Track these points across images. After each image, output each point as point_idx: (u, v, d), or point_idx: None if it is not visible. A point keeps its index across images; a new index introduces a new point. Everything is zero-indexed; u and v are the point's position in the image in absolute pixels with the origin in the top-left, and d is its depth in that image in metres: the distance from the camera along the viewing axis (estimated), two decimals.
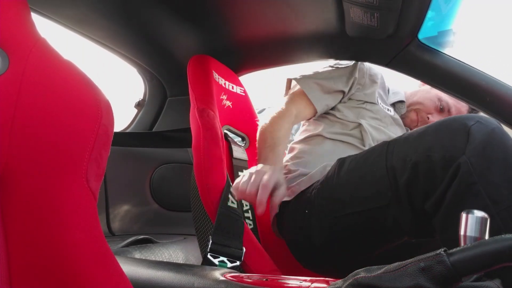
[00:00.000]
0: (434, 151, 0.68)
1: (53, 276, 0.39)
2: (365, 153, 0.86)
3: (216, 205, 0.85)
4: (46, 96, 0.41)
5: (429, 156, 0.68)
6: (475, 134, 0.64)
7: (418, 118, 1.23)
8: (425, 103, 1.22)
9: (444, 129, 0.70)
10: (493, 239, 0.36)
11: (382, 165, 0.76)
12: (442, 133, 0.69)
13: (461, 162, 0.63)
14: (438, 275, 0.36)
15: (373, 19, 0.93)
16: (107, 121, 0.47)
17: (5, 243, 0.39)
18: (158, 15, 1.09)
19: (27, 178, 0.39)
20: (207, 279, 0.59)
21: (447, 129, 0.69)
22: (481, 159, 0.62)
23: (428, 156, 0.68)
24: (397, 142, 0.78)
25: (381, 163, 0.77)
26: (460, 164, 0.63)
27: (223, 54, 1.21)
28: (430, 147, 0.69)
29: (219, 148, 0.91)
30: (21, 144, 0.39)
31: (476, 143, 0.63)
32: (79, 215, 0.42)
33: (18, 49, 0.41)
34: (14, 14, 0.43)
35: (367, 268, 0.42)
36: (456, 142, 0.66)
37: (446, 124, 0.71)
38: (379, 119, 1.13)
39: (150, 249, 1.13)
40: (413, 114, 1.24)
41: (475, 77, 1.07)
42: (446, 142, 0.67)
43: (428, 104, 1.21)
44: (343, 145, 1.07)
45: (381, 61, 1.20)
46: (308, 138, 1.14)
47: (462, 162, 0.63)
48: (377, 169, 0.77)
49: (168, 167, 1.50)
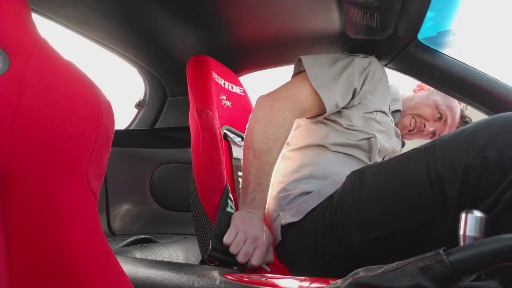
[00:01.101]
0: (489, 151, 0.60)
1: (53, 275, 0.39)
2: (393, 164, 0.76)
3: (215, 206, 0.85)
4: (46, 96, 0.41)
5: (485, 157, 0.60)
6: None
7: (416, 124, 1.17)
8: (424, 109, 1.16)
9: (497, 126, 0.62)
10: (492, 239, 0.36)
11: (423, 176, 0.67)
12: (496, 130, 0.61)
13: None
14: (438, 274, 0.36)
15: (373, 20, 0.94)
16: (108, 121, 0.47)
17: (5, 243, 0.39)
18: (158, 15, 1.09)
19: (28, 178, 0.39)
20: (207, 279, 0.59)
21: (501, 125, 0.61)
22: None
23: (483, 158, 0.60)
24: (437, 147, 0.68)
25: (421, 174, 0.67)
26: None
27: (223, 54, 1.21)
28: (483, 147, 0.61)
29: (218, 148, 0.91)
30: (21, 144, 0.39)
31: None
32: (79, 215, 0.42)
33: (18, 49, 0.41)
34: (14, 14, 0.43)
35: (366, 268, 0.42)
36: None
37: (498, 121, 0.63)
38: (385, 131, 1.03)
39: (151, 249, 1.13)
40: (408, 119, 1.18)
41: (475, 77, 1.07)
42: (503, 140, 0.59)
43: (427, 111, 1.16)
44: (345, 158, 0.97)
45: (381, 61, 1.21)
46: (307, 147, 1.01)
47: None
48: (417, 181, 0.67)
49: (168, 167, 1.50)
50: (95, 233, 0.43)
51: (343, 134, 0.98)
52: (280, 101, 0.91)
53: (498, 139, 0.60)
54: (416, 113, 1.17)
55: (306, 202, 0.88)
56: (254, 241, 0.79)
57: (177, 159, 1.51)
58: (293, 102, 0.93)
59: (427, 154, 0.69)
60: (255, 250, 0.78)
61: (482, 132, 0.63)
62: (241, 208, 0.87)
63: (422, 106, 1.17)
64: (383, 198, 0.73)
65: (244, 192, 0.88)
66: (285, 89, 0.96)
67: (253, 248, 0.78)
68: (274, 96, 0.94)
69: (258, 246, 0.79)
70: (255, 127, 0.89)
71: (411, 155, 0.73)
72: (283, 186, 0.96)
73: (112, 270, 0.43)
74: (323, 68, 0.97)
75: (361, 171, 0.82)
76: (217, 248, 0.77)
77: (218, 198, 0.86)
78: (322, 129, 1.01)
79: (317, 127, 1.02)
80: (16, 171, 0.39)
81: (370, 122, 1.00)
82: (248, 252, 0.77)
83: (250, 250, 0.77)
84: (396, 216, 0.70)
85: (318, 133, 1.01)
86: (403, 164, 0.73)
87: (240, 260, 0.76)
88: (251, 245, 0.78)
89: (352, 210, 0.78)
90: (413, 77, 1.18)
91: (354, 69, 0.97)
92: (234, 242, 0.77)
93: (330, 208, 0.83)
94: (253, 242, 0.79)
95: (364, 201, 0.76)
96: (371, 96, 1.01)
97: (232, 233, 0.78)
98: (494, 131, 0.62)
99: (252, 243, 0.78)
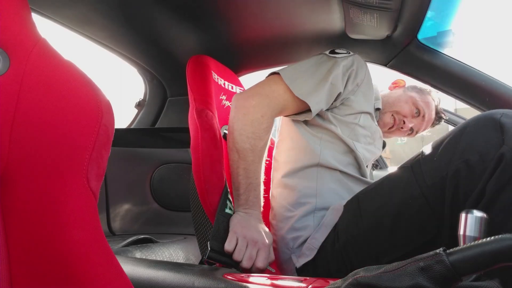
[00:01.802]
0: (470, 154, 0.64)
1: (53, 275, 0.39)
2: (385, 187, 0.78)
3: (214, 206, 0.85)
4: (46, 96, 0.41)
5: (467, 160, 0.64)
6: (508, 125, 0.62)
7: (395, 121, 1.16)
8: (402, 106, 1.15)
9: (472, 130, 0.66)
10: (492, 239, 0.36)
11: (417, 192, 0.70)
12: (472, 133, 0.66)
13: (504, 152, 0.60)
14: (438, 274, 0.36)
15: (373, 19, 0.94)
16: (108, 121, 0.47)
17: (5, 243, 0.39)
18: (158, 15, 1.09)
19: (28, 178, 0.39)
20: (207, 279, 0.59)
21: (476, 128, 0.66)
22: None
23: (465, 161, 0.64)
24: (422, 162, 0.72)
25: (415, 190, 0.70)
26: (503, 154, 0.60)
27: (223, 54, 1.21)
28: (463, 151, 0.65)
29: (217, 148, 0.90)
30: (21, 144, 0.39)
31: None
32: (79, 215, 0.42)
33: (18, 49, 0.41)
34: (14, 14, 0.43)
35: (366, 268, 0.42)
36: (490, 137, 0.63)
37: (472, 125, 0.67)
38: (370, 135, 1.02)
39: (151, 249, 1.13)
40: (388, 117, 1.16)
41: (475, 77, 1.07)
42: (481, 141, 0.64)
43: (405, 107, 1.15)
44: (342, 176, 0.96)
45: (381, 61, 1.21)
46: (303, 170, 0.97)
47: (505, 152, 0.60)
48: (412, 199, 0.70)
49: (168, 167, 1.50)
50: (95, 233, 0.43)
51: (332, 146, 0.97)
52: (256, 97, 0.89)
53: (473, 141, 0.64)
54: (395, 110, 1.16)
55: (315, 238, 0.88)
56: (256, 244, 0.78)
57: (177, 159, 1.50)
58: (270, 98, 0.89)
59: (414, 169, 0.72)
60: (258, 253, 0.78)
61: (460, 137, 0.67)
62: (236, 210, 0.86)
63: (400, 103, 1.16)
64: (385, 227, 0.74)
65: (236, 194, 0.87)
66: (261, 86, 0.93)
67: (255, 251, 0.78)
68: (249, 93, 0.91)
69: (261, 248, 0.78)
70: (234, 127, 0.88)
71: (401, 174, 0.76)
72: (291, 224, 0.93)
73: (112, 270, 0.43)
74: (305, 78, 0.93)
75: (357, 200, 0.83)
76: (215, 249, 0.77)
77: (217, 198, 0.86)
78: (310, 144, 0.97)
79: (304, 139, 0.98)
80: (16, 171, 0.39)
81: (354, 127, 0.98)
82: (252, 256, 0.76)
83: (253, 254, 0.77)
84: (403, 241, 0.72)
85: (308, 149, 0.97)
86: (395, 185, 0.76)
87: (245, 266, 0.75)
88: (253, 248, 0.77)
89: (360, 242, 0.79)
90: (413, 77, 1.18)
91: (338, 72, 0.94)
92: (237, 249, 0.76)
93: (338, 242, 0.83)
94: (254, 245, 0.78)
95: (369, 233, 0.77)
96: (354, 96, 0.99)
97: (233, 240, 0.77)
98: (469, 134, 0.66)
99: (254, 246, 0.78)
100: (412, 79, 1.20)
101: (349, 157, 0.98)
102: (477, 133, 0.65)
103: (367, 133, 1.01)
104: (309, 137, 0.98)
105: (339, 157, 0.97)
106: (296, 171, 0.98)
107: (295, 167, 0.98)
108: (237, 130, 0.87)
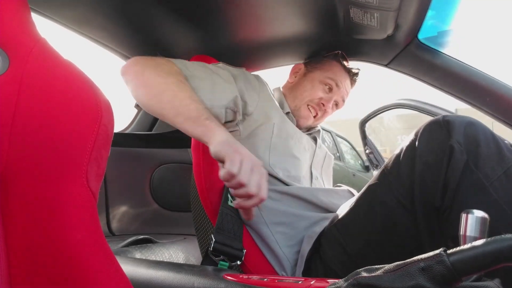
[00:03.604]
0: (427, 155, 0.69)
1: (53, 276, 0.39)
2: (361, 206, 0.79)
3: (215, 206, 0.85)
4: (46, 96, 0.41)
5: (425, 161, 0.69)
6: (452, 119, 0.68)
7: (316, 109, 1.10)
8: (310, 92, 1.08)
9: (424, 134, 0.71)
10: (493, 239, 0.36)
11: (393, 202, 0.73)
12: (425, 137, 0.71)
13: (451, 143, 0.66)
14: (438, 275, 0.36)
15: (373, 19, 0.94)
16: (107, 121, 0.47)
17: (5, 243, 0.39)
18: (158, 15, 1.09)
19: (27, 178, 0.39)
20: (207, 279, 0.59)
21: (426, 132, 0.71)
22: (468, 139, 0.66)
23: (424, 162, 0.69)
24: (388, 173, 0.75)
25: (391, 201, 0.73)
26: (451, 146, 0.66)
27: (223, 54, 1.21)
28: (421, 155, 0.70)
29: None
30: (21, 144, 0.39)
31: (458, 127, 0.67)
32: (79, 215, 0.42)
33: (18, 49, 0.41)
34: (14, 14, 0.43)
35: (367, 268, 0.42)
36: (439, 136, 0.68)
37: (422, 131, 0.72)
38: (292, 137, 1.00)
39: (150, 249, 1.13)
40: (305, 110, 1.09)
41: (475, 77, 1.07)
42: (433, 142, 0.69)
43: (314, 92, 1.08)
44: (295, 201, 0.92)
45: (381, 61, 1.21)
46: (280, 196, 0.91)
47: (453, 143, 0.66)
48: (391, 210, 0.73)
49: (168, 167, 1.50)
50: (94, 233, 0.43)
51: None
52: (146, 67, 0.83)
53: (427, 143, 0.70)
54: (308, 100, 1.09)
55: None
56: (260, 170, 0.70)
57: (177, 159, 1.50)
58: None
59: (384, 183, 0.75)
60: (262, 180, 0.70)
61: (415, 144, 0.71)
62: (216, 134, 0.72)
63: (305, 92, 1.09)
64: (375, 244, 0.76)
65: (203, 123, 0.74)
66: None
67: (259, 178, 0.69)
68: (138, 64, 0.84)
69: (263, 174, 0.71)
70: (138, 91, 0.80)
71: (373, 192, 0.78)
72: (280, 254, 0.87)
73: (111, 271, 0.43)
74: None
75: (335, 229, 0.82)
76: (220, 241, 0.76)
77: (218, 198, 0.86)
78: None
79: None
80: (15, 171, 0.39)
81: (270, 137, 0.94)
82: (260, 183, 0.68)
83: (261, 181, 0.69)
84: (396, 250, 0.74)
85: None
86: (370, 203, 0.77)
87: (253, 192, 0.67)
88: (258, 175, 0.69)
89: (353, 265, 0.77)
90: (413, 77, 1.18)
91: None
92: (243, 170, 0.66)
93: (330, 270, 0.80)
94: (259, 171, 0.69)
95: (360, 254, 0.78)
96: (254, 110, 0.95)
97: (236, 160, 0.66)
98: (422, 139, 0.71)
99: (258, 172, 0.69)
100: (412, 79, 1.20)
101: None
102: (428, 136, 0.70)
103: (290, 133, 0.99)
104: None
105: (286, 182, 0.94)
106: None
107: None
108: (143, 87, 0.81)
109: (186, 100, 0.76)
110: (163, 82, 0.78)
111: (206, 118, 0.74)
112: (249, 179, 0.67)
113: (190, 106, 0.75)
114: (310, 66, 1.16)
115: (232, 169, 0.66)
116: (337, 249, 0.81)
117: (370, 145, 2.16)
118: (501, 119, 1.02)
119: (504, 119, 1.02)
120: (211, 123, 0.74)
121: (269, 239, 0.85)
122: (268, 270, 0.84)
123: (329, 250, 0.82)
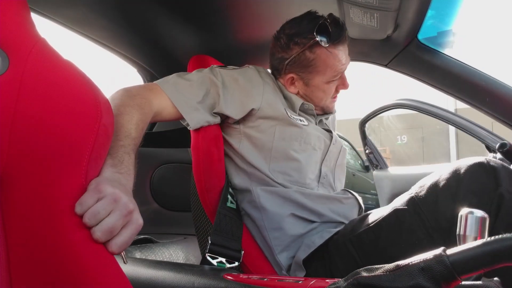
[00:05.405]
0: (470, 198, 0.70)
1: (53, 275, 0.39)
2: (383, 226, 0.80)
3: (214, 206, 0.85)
4: (46, 96, 0.41)
5: (471, 204, 0.69)
6: (499, 168, 0.71)
7: (336, 96, 1.03)
8: (325, 94, 1.00)
9: (467, 175, 0.73)
10: (493, 239, 0.36)
11: (422, 234, 0.74)
12: (468, 179, 0.72)
13: (502, 192, 0.68)
14: (438, 275, 0.36)
15: (373, 20, 0.94)
16: (107, 121, 0.47)
17: (5, 242, 0.39)
18: (158, 15, 1.09)
19: (27, 177, 0.39)
20: (207, 279, 0.59)
21: (469, 172, 0.73)
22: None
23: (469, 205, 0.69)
24: (420, 204, 0.76)
25: (420, 232, 0.75)
26: (501, 194, 0.68)
27: (223, 54, 1.21)
28: (464, 196, 0.71)
29: (217, 148, 0.90)
30: (21, 144, 0.39)
31: (504, 175, 0.69)
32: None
33: (18, 49, 0.41)
34: (14, 14, 0.43)
35: (367, 268, 0.42)
36: (485, 179, 0.71)
37: (465, 171, 0.73)
38: (307, 123, 0.99)
39: (150, 249, 1.13)
40: (329, 104, 1.04)
41: (475, 77, 1.07)
42: (477, 185, 0.71)
43: (329, 92, 1.00)
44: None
45: (381, 61, 1.21)
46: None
47: (503, 192, 0.68)
48: (418, 241, 0.74)
49: (168, 167, 1.50)
50: None
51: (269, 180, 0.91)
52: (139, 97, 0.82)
53: (470, 185, 0.72)
54: (327, 100, 1.02)
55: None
56: (128, 215, 0.49)
57: (177, 159, 1.50)
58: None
59: (416, 212, 0.76)
60: (125, 227, 0.48)
61: (455, 182, 0.73)
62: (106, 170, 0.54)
63: (321, 99, 1.01)
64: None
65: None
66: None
67: (122, 223, 0.47)
68: (133, 91, 0.84)
69: (130, 222, 0.49)
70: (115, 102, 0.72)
71: (400, 216, 0.78)
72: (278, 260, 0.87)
73: (111, 270, 0.43)
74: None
75: (350, 241, 0.82)
76: (216, 243, 0.76)
77: (217, 198, 0.86)
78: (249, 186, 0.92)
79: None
80: (15, 171, 0.39)
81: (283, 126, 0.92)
82: (115, 228, 0.46)
83: (118, 225, 0.47)
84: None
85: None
86: (395, 226, 0.78)
87: (97, 237, 0.44)
88: (122, 218, 0.47)
89: None
90: (413, 77, 1.18)
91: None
92: (94, 209, 0.44)
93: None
94: (126, 215, 0.48)
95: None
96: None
97: (92, 197, 0.45)
98: (465, 179, 0.73)
99: (125, 216, 0.48)
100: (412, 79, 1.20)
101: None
102: (472, 178, 0.72)
103: (305, 123, 0.98)
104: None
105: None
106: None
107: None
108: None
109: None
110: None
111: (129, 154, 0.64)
112: (93, 220, 0.45)
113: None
114: (302, 73, 0.98)
115: (76, 205, 0.45)
116: (351, 263, 0.81)
117: (370, 145, 2.16)
118: (501, 119, 1.02)
119: (503, 119, 1.02)
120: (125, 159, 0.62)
121: (265, 242, 0.86)
122: (268, 270, 0.84)
123: (340, 262, 0.82)
